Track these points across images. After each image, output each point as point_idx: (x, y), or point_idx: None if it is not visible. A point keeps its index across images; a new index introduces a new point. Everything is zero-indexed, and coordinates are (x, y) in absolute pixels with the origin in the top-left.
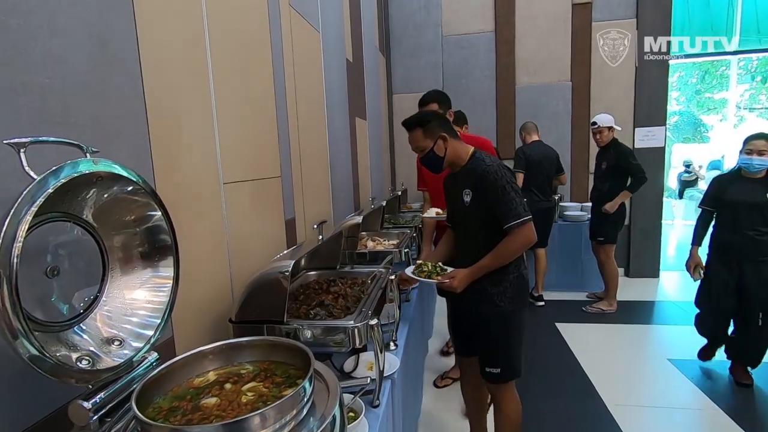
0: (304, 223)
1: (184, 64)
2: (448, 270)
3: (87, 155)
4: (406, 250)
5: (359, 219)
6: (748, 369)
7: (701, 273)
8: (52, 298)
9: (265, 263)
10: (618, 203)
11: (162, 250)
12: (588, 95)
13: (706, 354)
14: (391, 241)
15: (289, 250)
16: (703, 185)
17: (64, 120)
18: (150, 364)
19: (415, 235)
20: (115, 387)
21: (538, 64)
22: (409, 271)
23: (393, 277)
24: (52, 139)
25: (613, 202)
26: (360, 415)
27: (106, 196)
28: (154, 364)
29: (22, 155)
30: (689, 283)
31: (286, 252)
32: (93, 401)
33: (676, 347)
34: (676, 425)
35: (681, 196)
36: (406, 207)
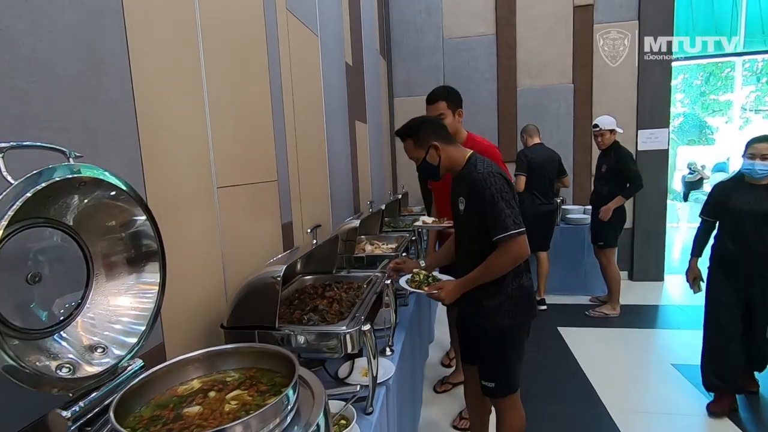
0: (302, 226)
1: (176, 69)
2: (442, 279)
3: (70, 160)
4: (403, 254)
5: (356, 223)
6: (755, 375)
7: (701, 286)
8: (32, 305)
9: (259, 268)
10: (611, 209)
11: (148, 255)
12: (590, 97)
13: (718, 406)
14: (389, 244)
15: (283, 255)
16: (708, 186)
17: (50, 125)
18: (134, 371)
19: (414, 238)
20: (95, 395)
21: (539, 67)
22: (403, 281)
23: (389, 281)
24: (32, 143)
25: (607, 207)
26: (351, 423)
27: (90, 201)
28: (138, 371)
29: (0, 160)
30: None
31: (280, 256)
32: (72, 410)
33: (680, 352)
34: None
35: (686, 198)
36: (407, 210)
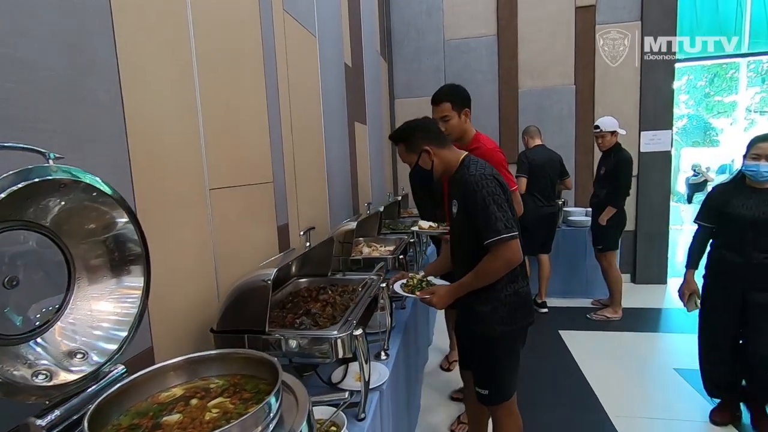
0: (298, 229)
1: (167, 69)
2: (436, 284)
3: (49, 161)
4: (401, 257)
5: (353, 225)
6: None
7: (697, 303)
8: (6, 310)
9: (250, 270)
10: (606, 218)
11: (132, 259)
12: (592, 98)
13: (720, 415)
14: (387, 247)
15: (277, 257)
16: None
17: (33, 125)
18: (115, 377)
19: (412, 240)
20: (74, 402)
21: (541, 68)
22: (397, 285)
23: (384, 284)
24: (8, 144)
25: (601, 218)
26: (342, 429)
27: (71, 203)
28: (120, 377)
29: None
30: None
31: (273, 258)
32: (48, 419)
33: (683, 356)
34: None
35: (690, 200)
36: (407, 212)
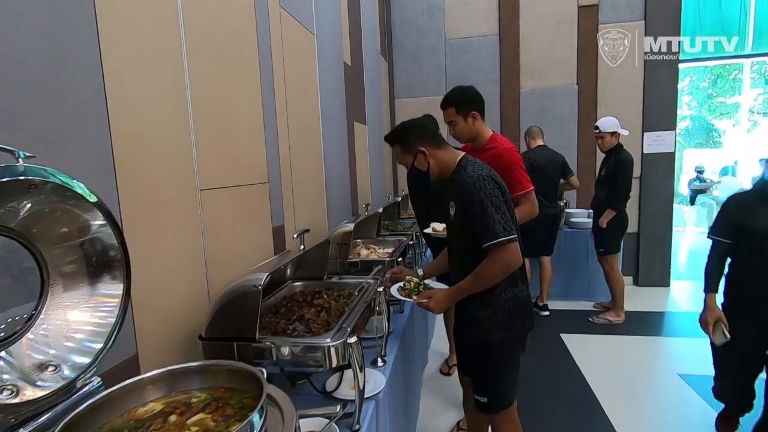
0: (294, 230)
1: (154, 65)
2: (434, 287)
3: (19, 160)
4: (399, 259)
5: (351, 227)
6: None
7: (726, 333)
8: None
9: (241, 274)
10: (605, 221)
11: (111, 264)
12: (594, 99)
13: (726, 422)
14: (386, 249)
15: (270, 260)
16: (715, 192)
17: (9, 124)
18: (90, 391)
19: (412, 242)
20: (43, 420)
21: (543, 68)
22: (395, 289)
23: (381, 288)
24: None
25: (601, 221)
26: None
27: (42, 205)
28: (96, 390)
29: None
30: (702, 293)
31: (266, 261)
32: None
33: (687, 361)
34: None
35: (693, 202)
36: (406, 213)
